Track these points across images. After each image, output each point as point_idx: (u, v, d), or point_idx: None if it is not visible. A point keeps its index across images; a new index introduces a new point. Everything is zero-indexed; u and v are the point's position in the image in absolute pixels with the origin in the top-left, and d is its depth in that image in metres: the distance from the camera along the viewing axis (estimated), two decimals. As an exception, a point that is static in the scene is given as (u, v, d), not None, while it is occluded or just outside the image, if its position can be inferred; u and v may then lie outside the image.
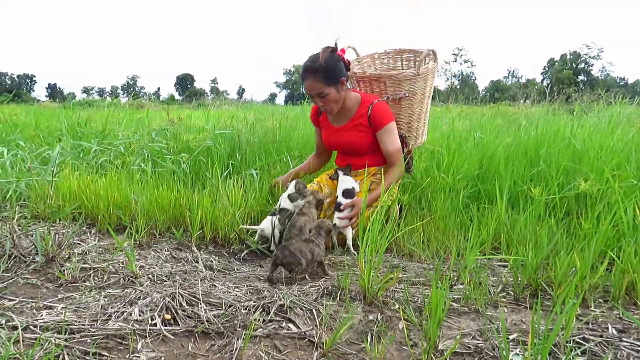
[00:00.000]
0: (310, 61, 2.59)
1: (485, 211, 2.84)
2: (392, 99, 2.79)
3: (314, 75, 2.57)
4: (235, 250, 2.58)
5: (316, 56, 2.57)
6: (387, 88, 2.78)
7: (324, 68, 2.55)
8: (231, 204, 2.70)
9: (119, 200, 2.86)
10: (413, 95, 2.82)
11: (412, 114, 2.88)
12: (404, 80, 2.76)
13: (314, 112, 2.98)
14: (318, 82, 2.58)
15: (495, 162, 3.52)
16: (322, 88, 2.59)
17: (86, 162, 3.92)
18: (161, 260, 2.37)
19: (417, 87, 2.80)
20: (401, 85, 2.77)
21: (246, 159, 4.12)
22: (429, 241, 2.59)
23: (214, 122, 5.66)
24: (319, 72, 2.55)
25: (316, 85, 2.59)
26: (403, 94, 2.76)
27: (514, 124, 7.27)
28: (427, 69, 2.77)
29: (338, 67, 2.61)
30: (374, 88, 2.84)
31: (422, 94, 2.85)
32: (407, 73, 2.74)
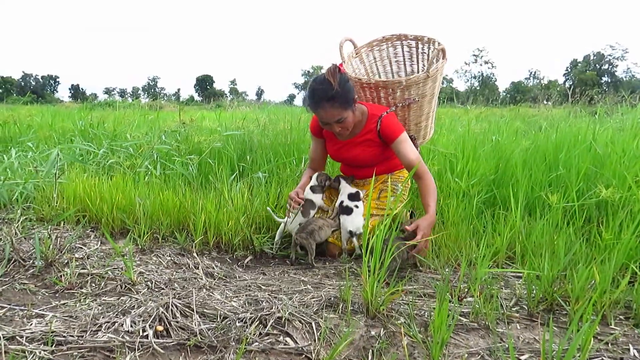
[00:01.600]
0: (324, 89, 2.35)
1: (499, 218, 2.72)
2: (400, 105, 2.66)
3: (332, 103, 2.36)
4: (238, 256, 2.51)
5: (326, 82, 2.36)
6: (395, 94, 2.64)
7: (340, 93, 2.34)
8: (235, 208, 2.63)
9: (124, 203, 2.81)
10: (422, 98, 2.68)
11: (420, 115, 2.75)
12: (413, 85, 2.60)
13: (316, 122, 2.75)
14: (336, 109, 2.38)
15: (511, 166, 3.39)
16: (341, 114, 2.40)
17: (95, 163, 3.90)
18: (162, 266, 2.31)
19: (426, 89, 2.66)
20: (410, 90, 2.62)
21: (256, 161, 4.06)
22: (440, 250, 2.47)
23: (226, 124, 5.63)
24: (336, 98, 2.35)
25: (335, 113, 2.39)
26: (412, 100, 2.63)
27: (534, 126, 7.10)
28: (436, 69, 2.63)
29: (349, 86, 2.43)
30: (380, 94, 2.68)
31: (431, 94, 2.71)
32: (415, 78, 2.59)
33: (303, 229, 2.45)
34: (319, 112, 2.42)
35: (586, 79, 65.81)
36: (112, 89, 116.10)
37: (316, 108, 2.41)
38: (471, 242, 2.51)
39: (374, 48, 2.99)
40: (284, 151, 4.12)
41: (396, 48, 3.00)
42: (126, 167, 3.59)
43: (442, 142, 3.99)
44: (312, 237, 2.43)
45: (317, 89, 2.38)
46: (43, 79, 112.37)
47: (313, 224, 2.46)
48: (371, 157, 2.62)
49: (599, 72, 75.71)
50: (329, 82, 2.33)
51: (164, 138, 4.19)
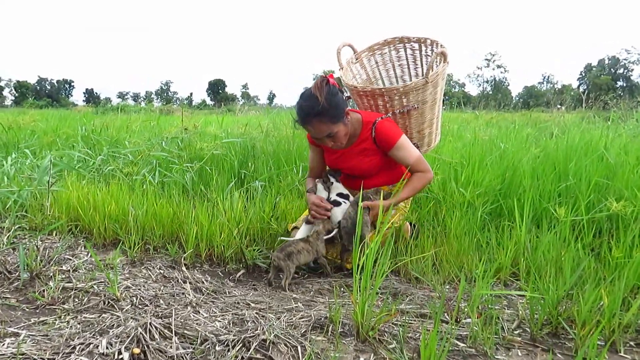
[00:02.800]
0: (310, 105, 2.26)
1: (504, 231, 2.60)
2: (399, 112, 2.55)
3: (319, 119, 2.26)
4: (231, 269, 2.42)
5: (313, 97, 2.26)
6: (393, 101, 2.53)
7: (327, 108, 2.24)
8: (229, 219, 2.54)
9: (116, 213, 2.74)
10: (423, 104, 2.56)
11: (422, 122, 2.63)
12: (412, 92, 2.49)
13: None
14: (324, 124, 2.28)
15: (519, 176, 3.26)
16: (330, 128, 2.30)
17: (94, 170, 3.85)
18: (150, 280, 2.23)
19: (427, 96, 2.54)
20: (409, 97, 2.50)
21: (258, 169, 3.98)
22: (441, 264, 2.36)
23: (230, 130, 5.57)
24: (323, 114, 2.25)
25: (323, 128, 2.29)
26: (412, 106, 2.52)
27: (545, 133, 6.94)
28: (436, 74, 2.51)
29: (339, 99, 2.33)
30: (377, 102, 2.57)
31: (432, 100, 2.59)
32: (414, 84, 2.47)
33: (281, 249, 2.28)
34: (308, 129, 2.35)
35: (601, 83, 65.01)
36: (126, 93, 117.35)
37: (304, 125, 2.33)
38: (474, 257, 2.40)
39: (375, 52, 2.89)
40: (285, 159, 4.03)
41: (399, 51, 2.89)
42: (124, 174, 3.53)
43: (448, 149, 3.87)
44: (290, 259, 2.25)
45: (303, 106, 2.29)
46: (58, 83, 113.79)
47: (293, 246, 2.29)
48: (370, 167, 2.51)
49: (614, 76, 74.77)
50: (316, 97, 2.23)
51: (164, 145, 4.12)
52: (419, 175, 2.44)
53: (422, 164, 2.45)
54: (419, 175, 2.44)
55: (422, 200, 3.14)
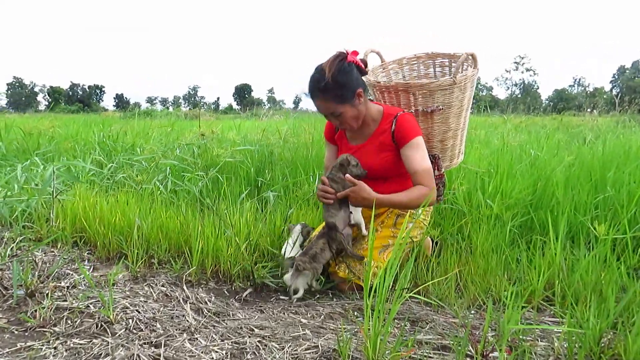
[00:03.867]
0: (316, 80, 2.15)
1: (537, 247, 2.38)
2: (422, 111, 2.36)
3: (323, 95, 2.16)
4: (237, 287, 2.25)
5: (321, 71, 2.14)
6: (416, 100, 2.35)
7: (332, 86, 2.11)
8: (236, 233, 2.39)
9: (121, 224, 2.62)
10: (448, 108, 2.38)
11: (446, 130, 2.44)
12: (437, 91, 2.31)
13: (329, 127, 2.55)
14: (328, 102, 2.17)
15: (551, 186, 3.02)
16: (335, 108, 2.17)
17: (106, 178, 3.76)
18: (151, 299, 2.08)
19: (453, 99, 2.36)
20: (434, 97, 2.33)
21: (276, 177, 3.83)
22: (465, 286, 2.15)
23: (248, 135, 5.45)
24: (328, 91, 2.13)
25: (328, 106, 2.18)
26: (436, 107, 2.33)
27: (578, 138, 6.62)
28: (465, 77, 2.33)
29: (350, 79, 2.17)
30: (400, 99, 2.40)
31: (459, 106, 2.41)
32: (441, 82, 2.30)
33: (304, 253, 2.19)
34: (314, 102, 2.23)
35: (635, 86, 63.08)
36: (154, 98, 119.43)
37: (311, 97, 2.23)
38: (502, 278, 2.18)
39: (403, 66, 2.72)
40: (303, 166, 3.87)
41: (428, 68, 2.72)
42: (136, 183, 3.42)
43: (474, 157, 3.65)
44: (316, 260, 2.18)
45: (312, 77, 2.19)
46: (90, 88, 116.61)
47: (314, 247, 2.19)
48: (385, 166, 2.30)
49: (648, 78, 72.45)
50: (324, 72, 2.12)
51: (178, 152, 4.01)
52: (422, 189, 2.21)
53: (428, 177, 2.24)
54: (422, 189, 2.21)
55: (446, 213, 2.93)
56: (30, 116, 17.44)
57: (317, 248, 2.19)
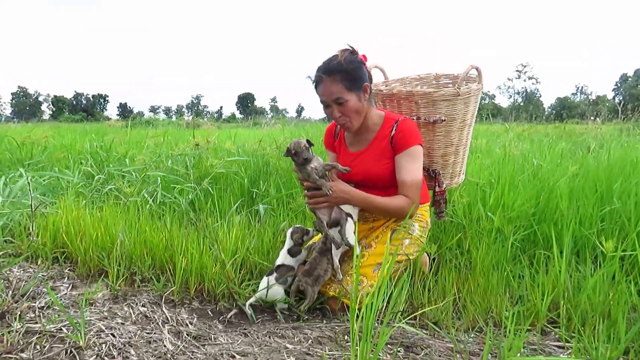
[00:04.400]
0: (326, 61, 2.11)
1: (540, 263, 2.25)
2: (424, 120, 2.27)
3: (332, 76, 2.07)
4: (222, 308, 2.12)
5: (335, 56, 2.11)
6: (419, 109, 2.28)
7: (344, 68, 2.06)
8: (222, 250, 2.27)
9: (104, 239, 2.50)
10: (451, 120, 2.29)
11: (448, 144, 2.34)
12: (440, 101, 2.24)
13: (329, 132, 2.46)
14: (337, 84, 2.07)
15: (555, 198, 2.89)
16: (342, 92, 2.07)
17: (95, 190, 3.65)
18: (129, 321, 1.96)
19: (456, 111, 2.28)
20: (437, 107, 2.26)
21: (271, 188, 3.71)
22: (464, 306, 2.02)
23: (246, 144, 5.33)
24: (338, 72, 2.06)
25: (334, 89, 2.07)
26: (438, 118, 2.24)
27: (581, 146, 6.48)
28: (469, 90, 2.25)
29: (360, 69, 2.12)
30: (402, 108, 2.34)
31: (461, 120, 2.32)
32: (444, 92, 2.24)
33: (308, 273, 2.07)
34: (320, 89, 2.13)
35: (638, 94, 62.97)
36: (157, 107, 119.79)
37: (317, 84, 2.14)
38: (503, 298, 2.05)
39: (406, 85, 2.63)
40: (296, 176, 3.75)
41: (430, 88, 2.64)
42: (125, 195, 3.30)
43: (474, 168, 3.52)
44: (317, 283, 2.07)
45: (324, 61, 2.13)
46: (93, 97, 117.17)
47: (319, 268, 2.08)
48: (383, 174, 2.19)
49: (651, 86, 72.36)
50: (336, 56, 2.10)
51: (170, 163, 3.90)
52: (405, 200, 2.12)
53: (416, 190, 2.14)
54: (405, 200, 2.12)
55: (446, 226, 2.80)
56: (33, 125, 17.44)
57: (321, 269, 2.09)
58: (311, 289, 2.05)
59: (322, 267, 2.08)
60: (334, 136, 2.43)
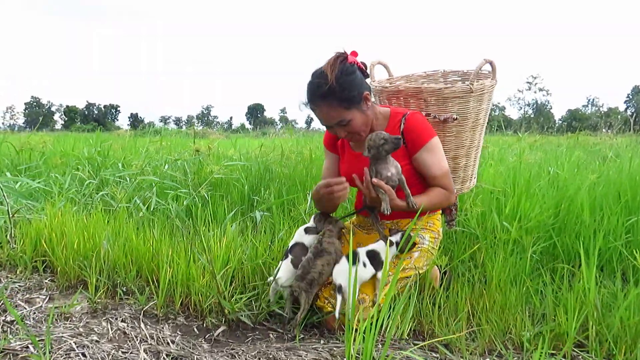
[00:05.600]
0: (316, 84, 1.86)
1: (564, 279, 2.03)
2: (434, 119, 2.07)
3: (327, 101, 1.86)
4: (209, 324, 1.91)
5: (322, 75, 1.85)
6: (428, 107, 2.07)
7: (336, 90, 1.82)
8: (214, 259, 2.07)
9: (87, 248, 2.32)
10: (463, 119, 2.08)
11: (460, 145, 2.13)
12: (451, 98, 2.03)
13: (329, 135, 2.21)
14: (334, 109, 1.86)
15: (576, 208, 2.67)
16: (342, 115, 1.87)
17: (88, 195, 3.48)
18: (105, 338, 1.76)
19: (469, 109, 2.07)
20: (447, 105, 2.05)
21: (272, 194, 3.52)
22: (479, 326, 1.80)
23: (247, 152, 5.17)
24: (333, 95, 1.83)
25: (333, 114, 1.87)
26: (450, 116, 2.04)
27: (597, 156, 6.25)
28: (482, 86, 2.04)
29: (355, 80, 1.87)
30: (409, 107, 2.13)
31: (474, 119, 2.11)
32: (456, 88, 2.02)
33: (301, 277, 1.86)
34: (316, 113, 1.93)
35: (650, 105, 62.24)
36: (168, 118, 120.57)
37: (312, 107, 1.93)
38: (523, 316, 1.83)
39: (412, 82, 2.43)
40: (302, 183, 3.56)
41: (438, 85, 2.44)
42: (116, 201, 3.13)
43: (488, 175, 3.31)
44: (312, 287, 1.85)
45: (311, 84, 1.90)
46: (105, 108, 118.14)
47: (312, 270, 1.86)
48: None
49: (663, 98, 71.69)
50: (325, 75, 1.83)
51: (166, 168, 3.73)
52: (440, 190, 1.96)
53: (449, 181, 1.98)
54: (440, 190, 1.96)
55: (457, 237, 2.59)
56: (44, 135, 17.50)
57: (315, 272, 1.87)
58: (305, 295, 1.83)
59: (316, 269, 1.87)
60: (335, 136, 2.17)
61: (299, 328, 1.83)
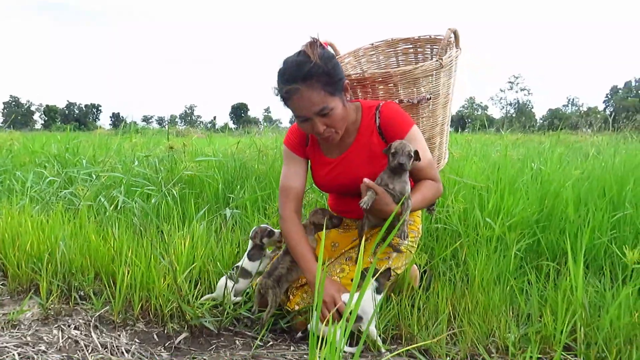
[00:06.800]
0: (297, 64, 1.61)
1: (549, 278, 1.92)
2: (406, 103, 1.90)
3: (309, 83, 1.60)
4: (170, 331, 1.76)
5: (304, 56, 1.63)
6: (398, 91, 1.90)
7: (322, 69, 1.60)
8: (177, 261, 1.92)
9: (41, 249, 2.15)
10: (435, 97, 1.93)
11: (434, 124, 1.98)
12: (422, 78, 1.87)
13: (297, 134, 1.91)
14: (318, 92, 1.61)
15: (561, 204, 2.58)
16: (325, 101, 1.62)
17: (53, 194, 3.30)
18: (55, 347, 1.61)
19: (440, 86, 1.92)
20: (418, 85, 1.89)
21: (247, 192, 3.38)
22: (461, 328, 1.69)
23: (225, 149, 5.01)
24: (316, 77, 1.60)
25: (316, 99, 1.61)
26: (423, 96, 1.88)
27: (579, 153, 6.22)
28: (450, 59, 1.90)
29: (338, 65, 1.69)
30: (378, 93, 1.94)
31: (445, 95, 1.96)
32: (426, 66, 1.85)
33: (268, 274, 1.76)
34: (293, 101, 1.65)
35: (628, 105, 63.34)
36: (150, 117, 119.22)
37: (289, 94, 1.64)
38: (507, 317, 1.72)
39: (360, 58, 2.27)
40: (277, 180, 3.42)
41: (389, 57, 2.27)
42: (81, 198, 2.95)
43: (470, 170, 3.21)
44: (279, 285, 1.74)
45: (291, 63, 1.64)
46: (86, 107, 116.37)
47: (280, 266, 1.76)
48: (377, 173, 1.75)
49: (641, 98, 73.07)
50: (306, 55, 1.61)
51: (136, 164, 3.56)
52: (431, 183, 1.77)
53: (435, 171, 1.81)
54: (431, 183, 1.77)
55: (439, 233, 2.47)
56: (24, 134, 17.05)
57: (283, 268, 1.76)
58: (272, 292, 1.72)
59: (284, 265, 1.75)
60: (304, 139, 1.92)
61: (265, 329, 1.70)
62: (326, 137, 1.71)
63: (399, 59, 2.23)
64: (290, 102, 1.66)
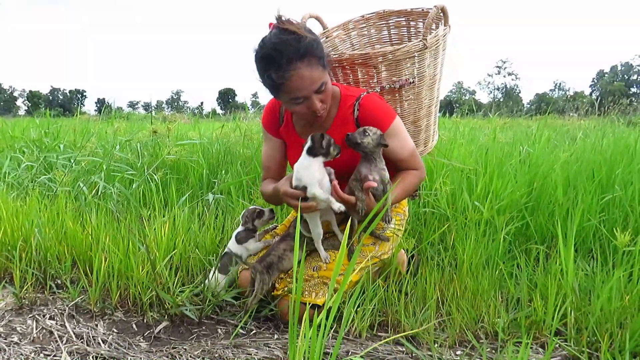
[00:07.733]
0: (287, 42, 1.49)
1: (540, 262, 1.89)
2: (389, 88, 1.82)
3: (306, 60, 1.51)
4: (150, 319, 1.70)
5: (289, 33, 1.51)
6: (379, 74, 1.80)
7: (314, 44, 1.53)
8: (157, 247, 1.85)
9: (16, 236, 2.07)
10: (420, 80, 1.84)
11: (419, 107, 1.90)
12: (405, 59, 1.77)
13: (271, 113, 1.87)
14: (316, 67, 1.53)
15: (549, 186, 2.55)
16: (323, 76, 1.56)
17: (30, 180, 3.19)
18: (28, 338, 1.54)
19: (424, 67, 1.82)
20: (401, 68, 1.79)
21: (232, 177, 3.30)
22: (449, 315, 1.65)
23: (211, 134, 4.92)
24: (311, 52, 1.52)
25: (316, 75, 1.54)
26: (406, 81, 1.81)
27: (567, 137, 6.22)
28: (436, 38, 1.80)
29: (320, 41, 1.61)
30: (358, 76, 1.85)
31: (431, 76, 1.88)
32: (408, 47, 1.75)
33: (261, 259, 1.70)
34: (292, 82, 1.52)
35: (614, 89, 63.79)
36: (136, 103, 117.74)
37: (285, 78, 1.52)
38: (496, 302, 1.68)
39: (350, 32, 2.17)
40: (260, 164, 3.35)
41: (381, 31, 2.17)
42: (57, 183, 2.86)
43: (459, 153, 3.16)
44: (270, 271, 1.68)
45: (280, 44, 1.50)
46: (70, 93, 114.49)
47: (273, 253, 1.70)
48: (348, 165, 1.71)
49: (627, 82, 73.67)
50: (293, 32, 1.50)
51: (117, 149, 3.46)
52: (414, 173, 1.74)
53: (417, 159, 1.77)
54: (414, 173, 1.74)
55: (427, 217, 2.43)
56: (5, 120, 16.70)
57: (274, 256, 1.70)
58: (260, 277, 1.65)
59: (277, 252, 1.69)
60: (278, 118, 1.87)
61: (247, 315, 1.64)
62: (321, 114, 1.65)
63: (392, 33, 2.13)
64: (287, 85, 1.54)
